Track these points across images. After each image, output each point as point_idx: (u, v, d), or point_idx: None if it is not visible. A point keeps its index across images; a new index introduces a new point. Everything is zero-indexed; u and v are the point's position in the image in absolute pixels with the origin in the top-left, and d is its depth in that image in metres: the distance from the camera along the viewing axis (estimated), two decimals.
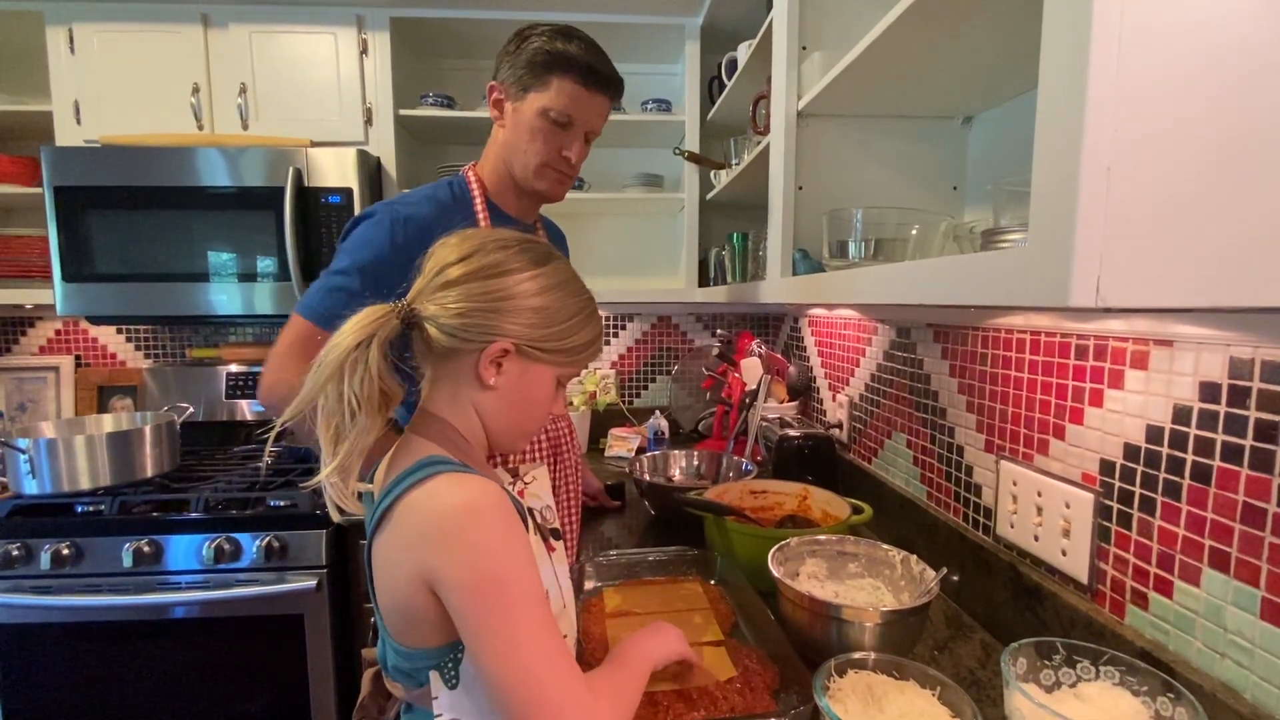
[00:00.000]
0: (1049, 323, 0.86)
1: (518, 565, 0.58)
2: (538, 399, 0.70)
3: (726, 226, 2.01)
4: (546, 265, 0.68)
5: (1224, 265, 0.40)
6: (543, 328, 0.66)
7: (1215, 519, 0.64)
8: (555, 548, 0.76)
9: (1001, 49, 0.79)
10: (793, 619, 0.85)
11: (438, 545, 0.58)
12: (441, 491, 0.59)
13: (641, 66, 2.11)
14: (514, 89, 1.05)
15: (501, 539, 0.58)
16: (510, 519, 0.60)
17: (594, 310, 0.72)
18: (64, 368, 2.09)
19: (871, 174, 1.08)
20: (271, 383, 0.95)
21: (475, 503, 0.59)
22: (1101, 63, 0.38)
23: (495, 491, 0.61)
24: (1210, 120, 0.39)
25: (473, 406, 0.69)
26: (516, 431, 0.72)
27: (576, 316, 0.69)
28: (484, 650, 0.56)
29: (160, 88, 1.73)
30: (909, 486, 1.24)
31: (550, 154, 1.06)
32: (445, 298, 0.64)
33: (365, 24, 1.75)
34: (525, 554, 0.60)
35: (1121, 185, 0.39)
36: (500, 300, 0.65)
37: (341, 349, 0.61)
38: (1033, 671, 0.68)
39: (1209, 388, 0.64)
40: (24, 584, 1.43)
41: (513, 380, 0.67)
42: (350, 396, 0.60)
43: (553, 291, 0.68)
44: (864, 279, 0.76)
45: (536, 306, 0.66)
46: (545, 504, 0.78)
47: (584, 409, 2.05)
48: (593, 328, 0.71)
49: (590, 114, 1.07)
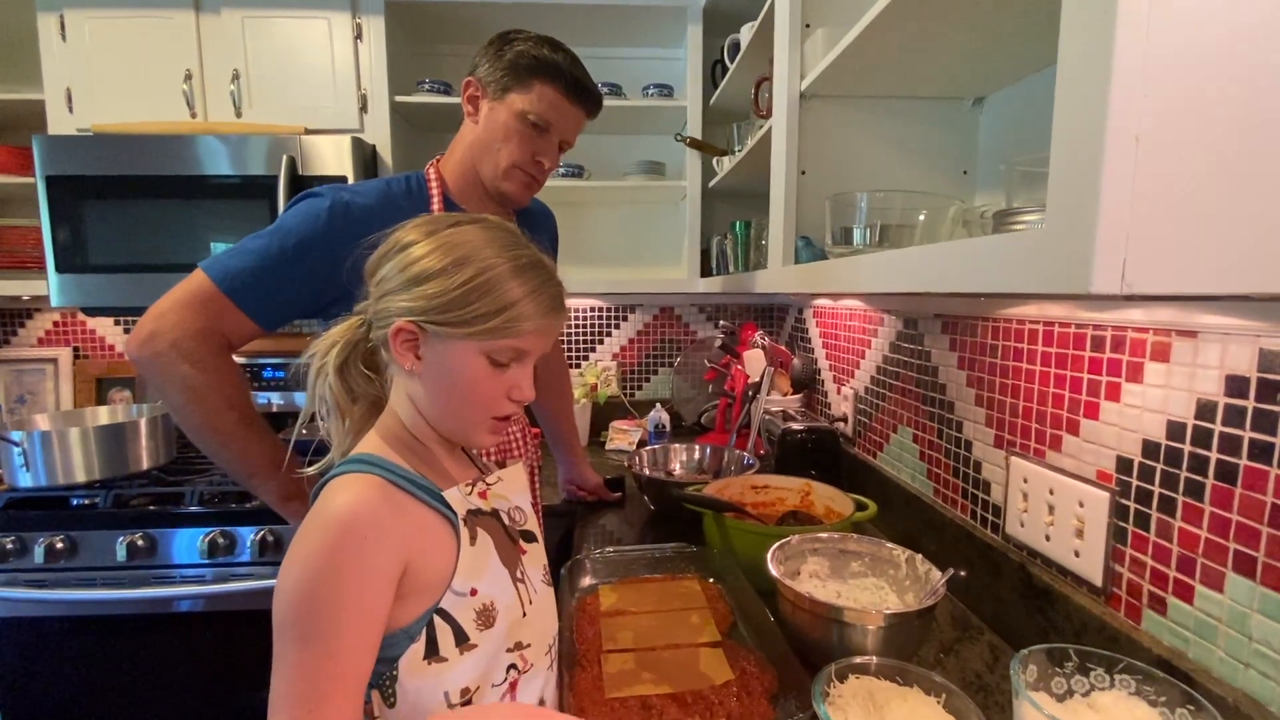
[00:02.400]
0: (1063, 312, 0.82)
1: (334, 596, 0.53)
2: (466, 381, 0.63)
3: (730, 215, 1.96)
4: (444, 230, 0.63)
5: (1262, 247, 0.36)
6: (436, 298, 0.60)
7: (1241, 521, 0.60)
8: (526, 550, 0.73)
9: (1015, 24, 0.75)
10: (792, 620, 0.82)
11: (294, 541, 0.57)
12: (328, 492, 0.59)
13: (643, 51, 2.07)
14: (493, 88, 1.01)
15: (337, 562, 0.54)
16: (372, 545, 0.55)
17: (518, 267, 0.62)
18: (62, 360, 2.07)
19: (877, 157, 1.04)
20: (152, 331, 0.86)
21: (339, 515, 0.56)
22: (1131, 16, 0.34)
23: (373, 507, 0.57)
24: (1250, 84, 0.35)
25: (408, 396, 0.66)
26: (458, 421, 0.66)
27: (483, 276, 0.60)
28: (274, 657, 0.54)
29: (153, 75, 1.70)
30: (915, 482, 1.21)
31: (523, 156, 1.03)
32: (372, 291, 0.65)
33: (360, 8, 1.71)
34: (360, 589, 0.55)
35: (1151, 157, 0.35)
36: (390, 278, 0.62)
37: (316, 355, 0.66)
38: (1043, 679, 0.64)
39: (1236, 381, 0.60)
40: (18, 577, 1.42)
41: (433, 364, 0.63)
42: (319, 400, 0.66)
43: (441, 254, 0.61)
44: (870, 266, 0.72)
45: (422, 274, 0.61)
46: (515, 504, 0.74)
47: (585, 401, 2.02)
48: (514, 287, 0.61)
49: (567, 124, 1.05)
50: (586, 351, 2.22)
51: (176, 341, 0.86)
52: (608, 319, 2.22)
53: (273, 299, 0.92)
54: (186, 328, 0.87)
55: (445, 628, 0.60)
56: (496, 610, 0.64)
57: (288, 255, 0.90)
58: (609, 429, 2.01)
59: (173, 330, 0.86)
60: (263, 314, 0.92)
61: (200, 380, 0.88)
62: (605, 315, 2.22)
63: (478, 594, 0.63)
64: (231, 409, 0.91)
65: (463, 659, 0.61)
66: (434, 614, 0.60)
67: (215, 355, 0.90)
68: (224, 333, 0.91)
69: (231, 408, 0.91)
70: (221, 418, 0.90)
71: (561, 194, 1.93)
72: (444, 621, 0.60)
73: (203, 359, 0.88)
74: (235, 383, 0.92)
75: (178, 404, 0.89)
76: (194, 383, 0.88)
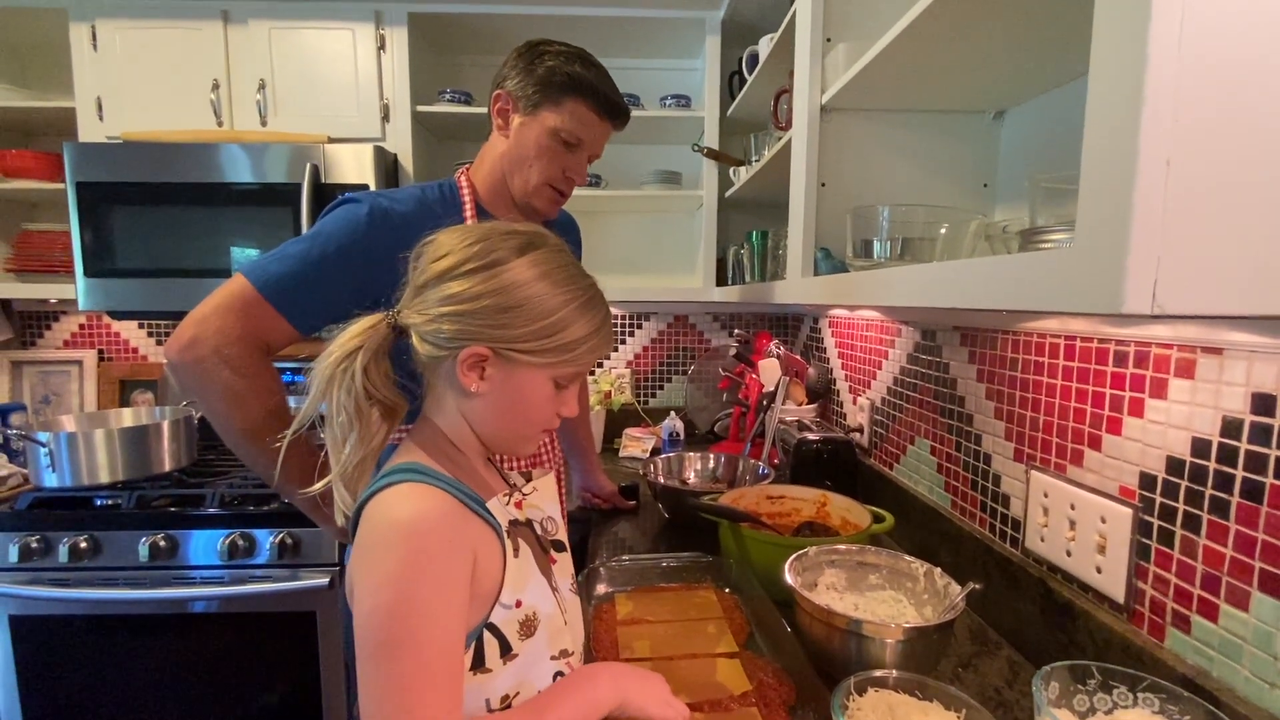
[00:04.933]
0: (1086, 327, 0.82)
1: (422, 604, 0.54)
2: (531, 403, 0.65)
3: (745, 225, 1.97)
4: (524, 256, 0.63)
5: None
6: (521, 327, 0.61)
7: (1267, 540, 0.60)
8: (557, 559, 0.73)
9: (1038, 38, 0.75)
10: (810, 632, 0.82)
11: (361, 557, 0.57)
12: (391, 502, 0.58)
13: (661, 62, 2.09)
14: (524, 103, 1.01)
15: (419, 570, 0.54)
16: (448, 549, 0.56)
17: (588, 300, 0.65)
18: (87, 361, 2.11)
19: (897, 170, 1.04)
20: (194, 337, 0.85)
21: (411, 523, 0.56)
22: (1162, 41, 0.34)
23: (444, 514, 0.58)
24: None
25: (461, 414, 0.66)
26: (511, 436, 0.68)
27: (562, 311, 0.63)
28: (360, 680, 0.54)
29: (181, 84, 1.74)
30: (932, 495, 1.20)
31: (554, 173, 1.04)
32: (423, 303, 0.63)
33: (383, 20, 1.74)
34: (443, 593, 0.55)
35: (1183, 180, 0.35)
36: (471, 302, 0.60)
37: (331, 360, 0.61)
38: (1065, 696, 0.64)
39: (1263, 399, 0.60)
40: (43, 576, 1.45)
41: (498, 386, 0.64)
42: (339, 408, 0.61)
43: (529, 286, 0.62)
44: (893, 280, 0.73)
45: (510, 305, 0.61)
46: (547, 515, 0.75)
47: (599, 409, 2.03)
48: (587, 321, 0.64)
49: (597, 139, 1.07)
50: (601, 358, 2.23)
51: (219, 347, 0.86)
52: (623, 326, 2.23)
53: (314, 303, 0.91)
54: (228, 333, 0.86)
55: (493, 640, 0.61)
56: (538, 620, 0.65)
57: (329, 260, 0.90)
58: (623, 436, 2.02)
59: (215, 336, 0.86)
60: (303, 318, 0.92)
61: (242, 385, 0.88)
62: (620, 323, 2.23)
63: (521, 605, 0.63)
64: (271, 414, 0.91)
65: (505, 668, 0.62)
66: (484, 628, 0.61)
67: (256, 360, 0.89)
68: (263, 337, 0.90)
69: (270, 413, 0.91)
70: (261, 423, 0.89)
71: (579, 203, 1.94)
72: (492, 635, 0.61)
73: (243, 364, 0.88)
74: (274, 388, 0.92)
75: (219, 410, 0.89)
76: (236, 388, 0.88)
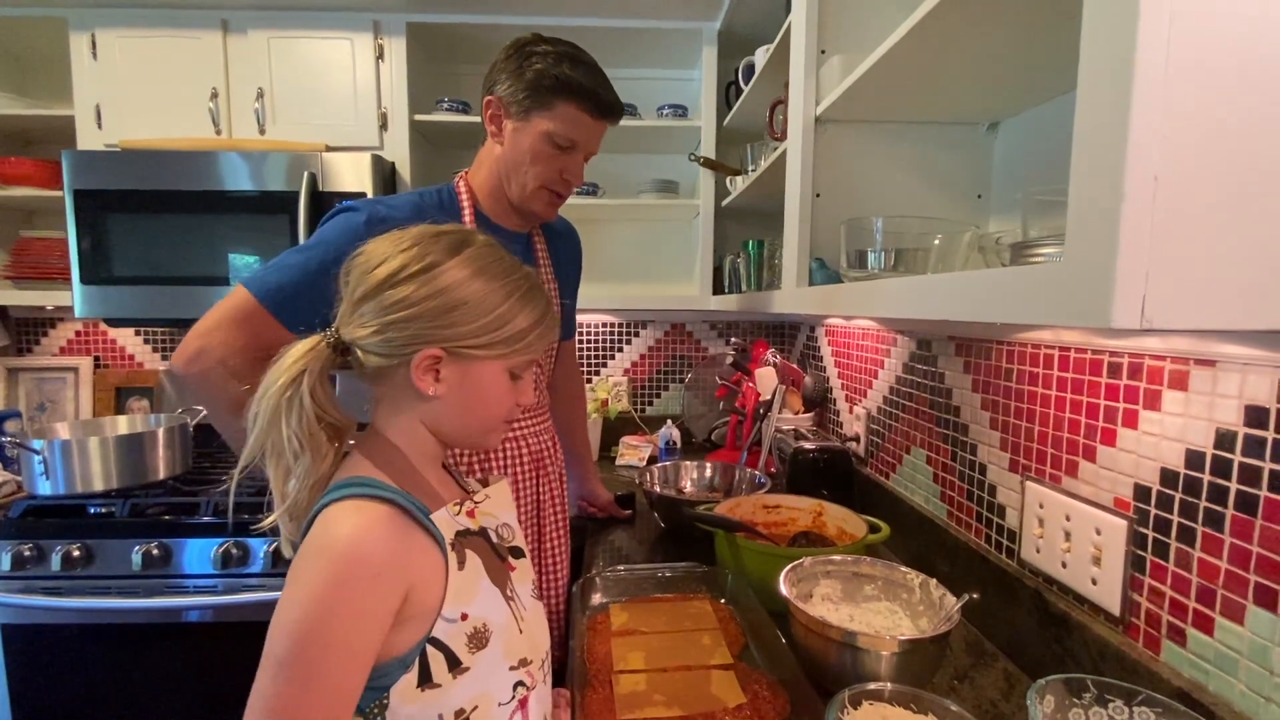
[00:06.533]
0: (1080, 339, 0.82)
1: (329, 635, 0.53)
2: (490, 396, 0.66)
3: (742, 233, 1.98)
4: (458, 255, 0.63)
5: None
6: (468, 324, 0.62)
7: (1261, 553, 0.60)
8: (515, 566, 0.73)
9: (1030, 51, 0.75)
10: (805, 644, 0.82)
11: (296, 562, 0.57)
12: (332, 518, 0.57)
13: (658, 71, 2.10)
14: (515, 108, 1.01)
15: (337, 599, 0.54)
16: (373, 580, 0.55)
17: (529, 290, 0.66)
18: (83, 369, 2.11)
19: (891, 181, 1.04)
20: (199, 349, 0.87)
21: (347, 544, 0.55)
22: (1149, 60, 0.34)
23: (382, 537, 0.57)
24: (1268, 124, 0.36)
25: (419, 419, 0.66)
26: (476, 431, 0.69)
27: (505, 304, 0.64)
28: (256, 678, 0.55)
29: (180, 93, 1.74)
30: (928, 505, 1.20)
31: (550, 176, 1.04)
32: (362, 317, 0.63)
33: (382, 29, 1.75)
34: (357, 626, 0.55)
35: (1170, 196, 0.35)
36: (415, 306, 0.61)
37: (276, 389, 0.61)
38: (1061, 710, 0.64)
39: (1256, 412, 0.60)
40: (35, 585, 1.44)
41: (455, 384, 0.64)
42: (291, 436, 0.60)
43: (468, 284, 0.62)
44: (885, 292, 0.73)
45: (454, 304, 0.61)
46: (502, 521, 0.74)
47: (595, 417, 2.03)
48: (530, 310, 0.65)
49: (592, 138, 1.06)
50: (598, 367, 2.23)
51: (224, 359, 0.87)
52: (619, 335, 2.23)
53: (315, 312, 0.93)
54: (232, 344, 0.88)
55: (438, 655, 0.60)
56: (490, 631, 0.64)
57: (328, 269, 0.91)
58: (619, 444, 2.01)
59: (220, 347, 0.87)
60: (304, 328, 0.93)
61: (248, 395, 0.89)
62: (617, 331, 2.23)
63: (468, 618, 0.63)
64: None
65: (456, 682, 0.61)
66: (427, 643, 0.60)
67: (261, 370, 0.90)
68: (266, 348, 0.91)
69: None
70: None
71: (576, 211, 1.94)
72: (436, 649, 0.60)
73: (249, 374, 0.88)
74: None
75: (227, 421, 0.90)
76: (243, 398, 0.89)
